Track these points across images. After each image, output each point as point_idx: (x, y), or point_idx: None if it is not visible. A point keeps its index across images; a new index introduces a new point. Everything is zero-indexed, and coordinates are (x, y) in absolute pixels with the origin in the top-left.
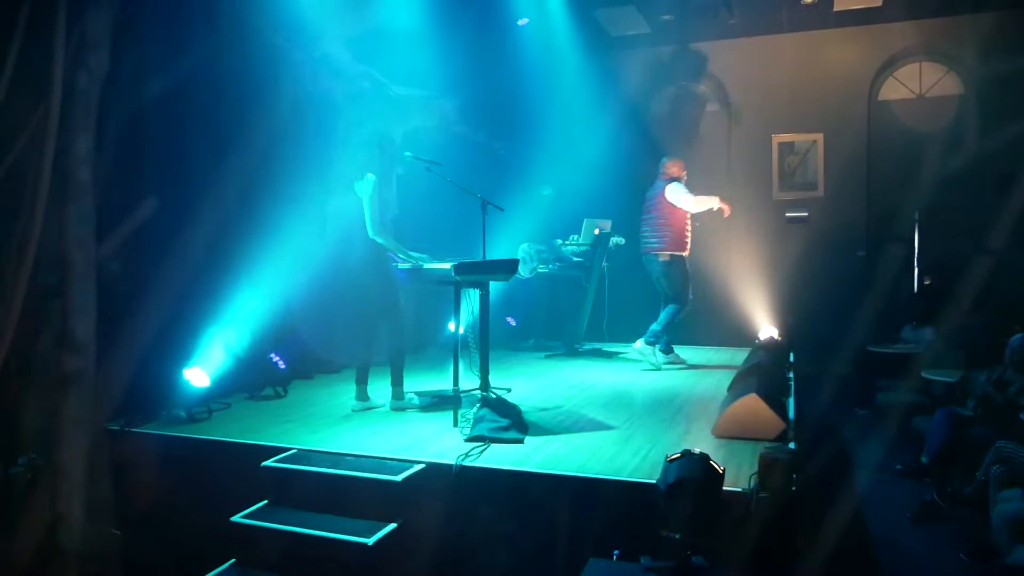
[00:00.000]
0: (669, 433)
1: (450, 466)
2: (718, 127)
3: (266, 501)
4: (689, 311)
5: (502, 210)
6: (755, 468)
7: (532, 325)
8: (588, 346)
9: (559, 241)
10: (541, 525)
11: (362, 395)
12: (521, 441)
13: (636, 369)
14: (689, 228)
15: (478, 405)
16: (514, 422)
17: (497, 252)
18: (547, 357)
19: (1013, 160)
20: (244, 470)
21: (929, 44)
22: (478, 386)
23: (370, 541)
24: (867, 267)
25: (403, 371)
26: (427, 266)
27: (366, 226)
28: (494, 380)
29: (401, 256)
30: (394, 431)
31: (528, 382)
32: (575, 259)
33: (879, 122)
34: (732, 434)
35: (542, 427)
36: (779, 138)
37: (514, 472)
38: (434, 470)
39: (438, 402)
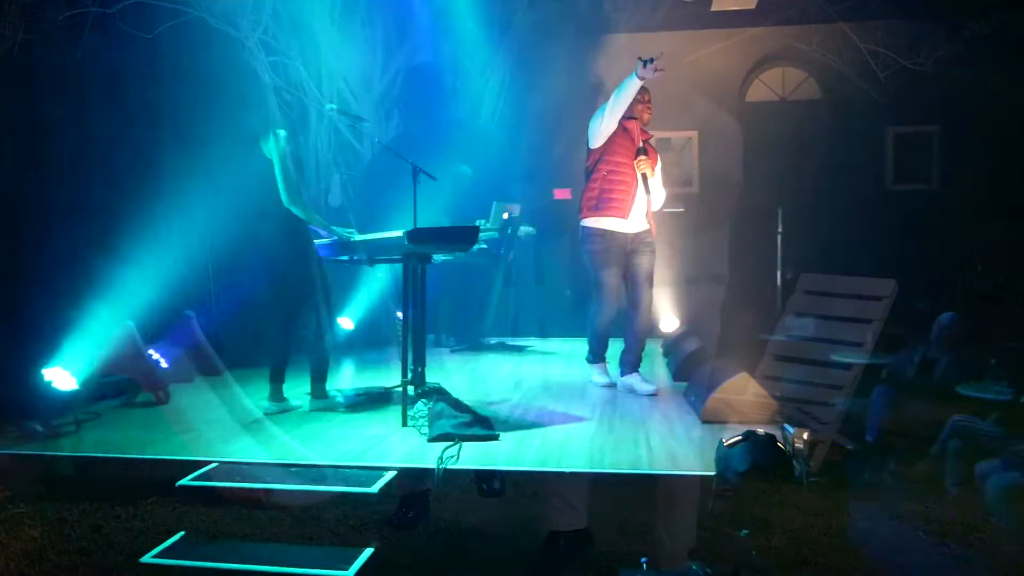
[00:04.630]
0: (652, 421)
1: (429, 471)
2: None
3: (183, 532)
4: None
5: (435, 179)
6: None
7: (431, 319)
8: (493, 340)
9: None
10: (554, 533)
11: (277, 395)
12: (496, 437)
13: (557, 361)
14: (605, 183)
15: (432, 400)
16: (476, 417)
17: None
18: (453, 352)
19: (864, 162)
20: (146, 494)
21: (791, 50)
22: (407, 381)
23: (349, 573)
24: (740, 262)
25: (328, 365)
26: (364, 237)
27: (279, 193)
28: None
29: (322, 230)
30: (332, 435)
31: (450, 377)
32: (480, 246)
33: (748, 123)
34: (723, 418)
35: (507, 422)
36: (656, 135)
37: (523, 472)
38: (409, 477)
39: (366, 400)
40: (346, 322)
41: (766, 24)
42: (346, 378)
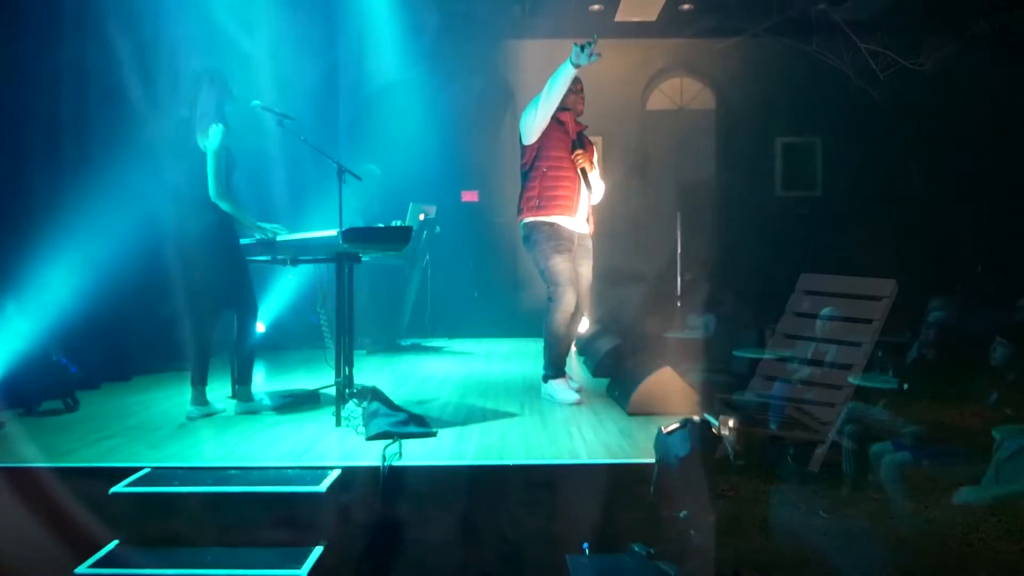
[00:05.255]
0: (581, 415)
1: (374, 468)
2: (509, 127)
3: (117, 541)
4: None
5: (359, 179)
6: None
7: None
8: (408, 342)
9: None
10: (502, 525)
11: (200, 399)
12: (434, 434)
13: (476, 360)
14: (546, 180)
15: (367, 399)
16: (410, 416)
17: None
18: (370, 353)
19: (754, 166)
20: (72, 504)
21: (689, 61)
22: (341, 381)
23: (303, 572)
24: (642, 264)
25: (253, 367)
26: (292, 236)
27: (208, 187)
28: (322, 380)
29: (249, 227)
30: (264, 437)
31: (374, 377)
32: None
33: (649, 129)
34: (648, 410)
35: (441, 420)
36: None
37: (469, 468)
38: (354, 475)
39: (292, 402)
40: (258, 325)
41: (666, 36)
42: (262, 380)
